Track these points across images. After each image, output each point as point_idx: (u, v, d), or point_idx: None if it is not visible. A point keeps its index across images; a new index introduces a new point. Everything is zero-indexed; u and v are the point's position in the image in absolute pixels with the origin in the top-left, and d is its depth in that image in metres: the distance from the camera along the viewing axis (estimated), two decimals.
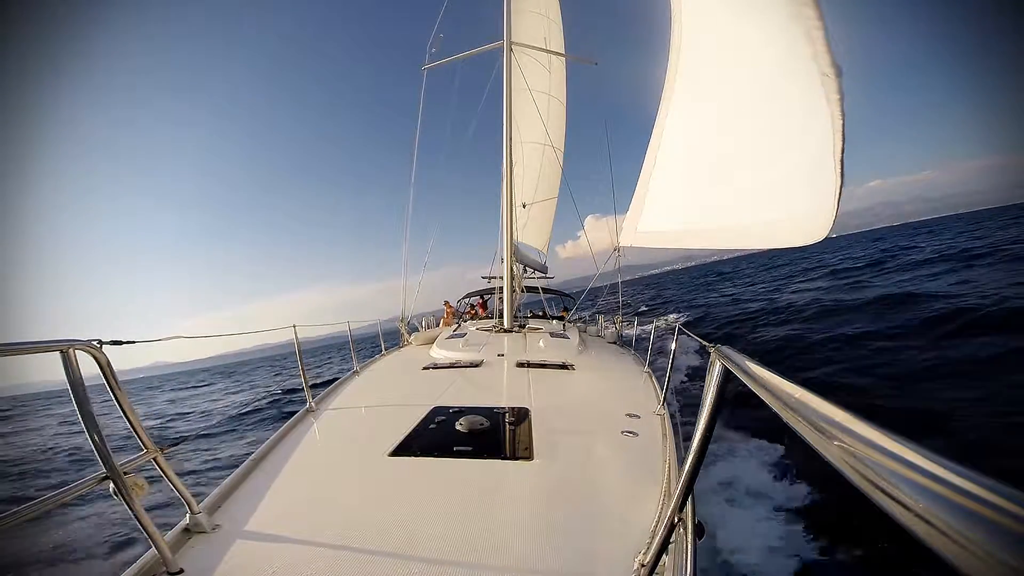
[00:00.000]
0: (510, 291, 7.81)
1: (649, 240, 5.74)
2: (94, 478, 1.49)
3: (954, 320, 8.89)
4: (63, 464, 9.27)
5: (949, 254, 19.53)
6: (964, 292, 11.04)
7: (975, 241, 23.27)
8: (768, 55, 3.20)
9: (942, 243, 27.42)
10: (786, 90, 3.12)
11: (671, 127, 4.95)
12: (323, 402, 3.89)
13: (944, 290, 11.83)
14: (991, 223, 39.04)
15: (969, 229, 36.21)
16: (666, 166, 5.14)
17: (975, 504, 0.34)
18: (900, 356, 7.79)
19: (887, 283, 15.65)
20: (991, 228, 31.98)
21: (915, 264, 19.34)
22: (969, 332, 8.10)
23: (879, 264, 22.51)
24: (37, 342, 1.36)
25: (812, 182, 3.03)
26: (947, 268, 16.09)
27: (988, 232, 28.36)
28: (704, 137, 4.57)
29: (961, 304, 9.76)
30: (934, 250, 23.31)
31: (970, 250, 19.12)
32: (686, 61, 4.49)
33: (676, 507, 1.33)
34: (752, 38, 3.40)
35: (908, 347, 8.13)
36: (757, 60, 3.43)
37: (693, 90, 4.58)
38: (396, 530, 1.90)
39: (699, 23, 4.21)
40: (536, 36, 10.92)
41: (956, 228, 43.70)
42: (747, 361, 0.97)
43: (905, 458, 0.41)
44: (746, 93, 3.75)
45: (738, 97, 3.88)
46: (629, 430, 2.91)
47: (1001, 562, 0.30)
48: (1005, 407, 5.14)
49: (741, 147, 3.94)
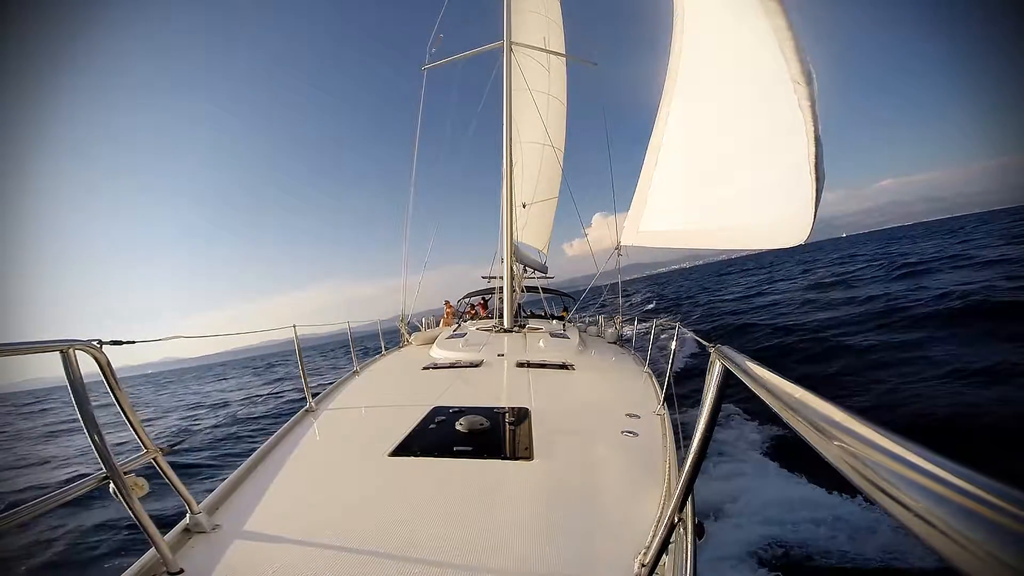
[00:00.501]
0: (510, 291, 7.82)
1: (650, 239, 5.75)
2: (94, 478, 1.49)
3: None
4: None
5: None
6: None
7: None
8: (756, 61, 3.29)
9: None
10: (771, 95, 3.21)
11: (671, 128, 4.97)
12: (323, 402, 3.89)
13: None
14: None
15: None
16: (666, 166, 5.16)
17: (975, 504, 0.33)
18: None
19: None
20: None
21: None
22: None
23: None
24: (37, 342, 1.36)
25: (793, 185, 3.12)
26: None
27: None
28: (702, 138, 4.61)
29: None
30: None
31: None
32: (686, 62, 4.52)
33: (676, 507, 1.33)
34: (742, 45, 3.49)
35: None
36: (747, 66, 3.51)
37: (692, 91, 4.62)
38: (396, 530, 1.90)
39: (699, 24, 4.24)
40: (536, 36, 10.91)
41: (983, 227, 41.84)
42: (747, 361, 0.97)
43: (905, 458, 0.41)
44: (742, 95, 3.81)
45: (735, 99, 3.93)
46: (629, 430, 2.91)
47: (1001, 562, 0.30)
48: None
49: (737, 148, 4.00)
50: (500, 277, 9.27)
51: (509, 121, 8.27)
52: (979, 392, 5.95)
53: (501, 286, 8.32)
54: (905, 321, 10.54)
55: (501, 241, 9.00)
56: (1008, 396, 5.60)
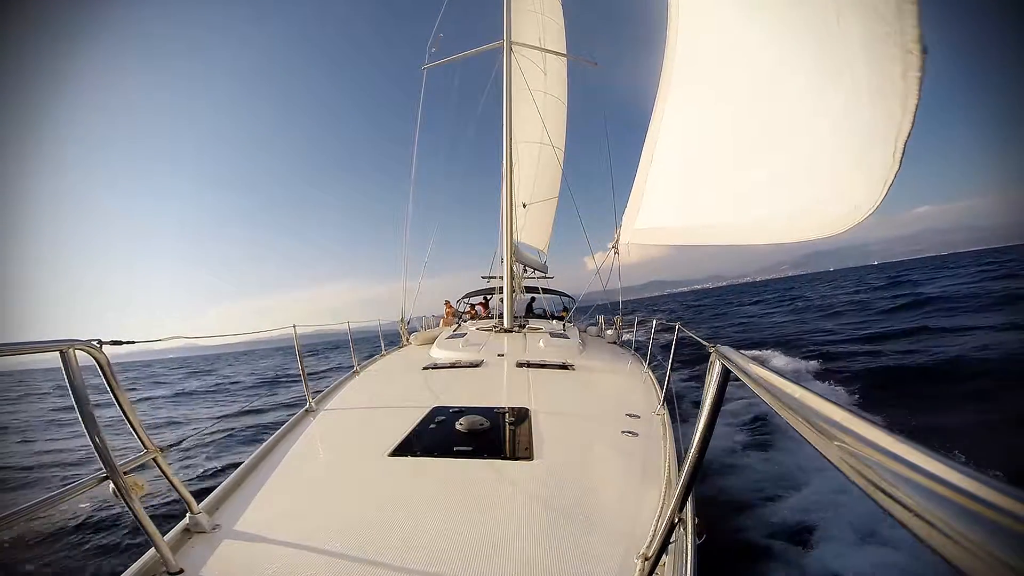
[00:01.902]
0: (510, 291, 7.82)
1: (647, 237, 5.70)
2: (94, 478, 1.49)
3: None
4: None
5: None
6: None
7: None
8: (802, 39, 2.87)
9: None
10: (797, 76, 2.88)
11: (668, 121, 4.86)
12: (323, 402, 3.89)
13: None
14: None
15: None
16: (663, 161, 5.07)
17: (975, 504, 0.33)
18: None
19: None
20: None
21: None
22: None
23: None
24: (37, 342, 1.35)
25: (853, 160, 2.62)
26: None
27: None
28: (703, 131, 4.48)
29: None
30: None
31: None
32: (683, 50, 4.34)
33: (676, 507, 1.33)
34: (762, 26, 3.16)
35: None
36: (788, 43, 3.09)
37: (691, 81, 4.45)
38: (396, 530, 1.90)
39: (698, 7, 4.08)
40: (536, 36, 10.91)
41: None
42: (747, 361, 0.97)
43: (905, 458, 0.41)
44: (755, 81, 3.52)
45: (750, 85, 3.64)
46: (629, 430, 2.91)
47: (1001, 562, 0.30)
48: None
49: (742, 140, 3.83)
50: (500, 277, 9.27)
51: (509, 121, 8.26)
52: None
53: (501, 286, 8.33)
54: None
55: (501, 241, 9.00)
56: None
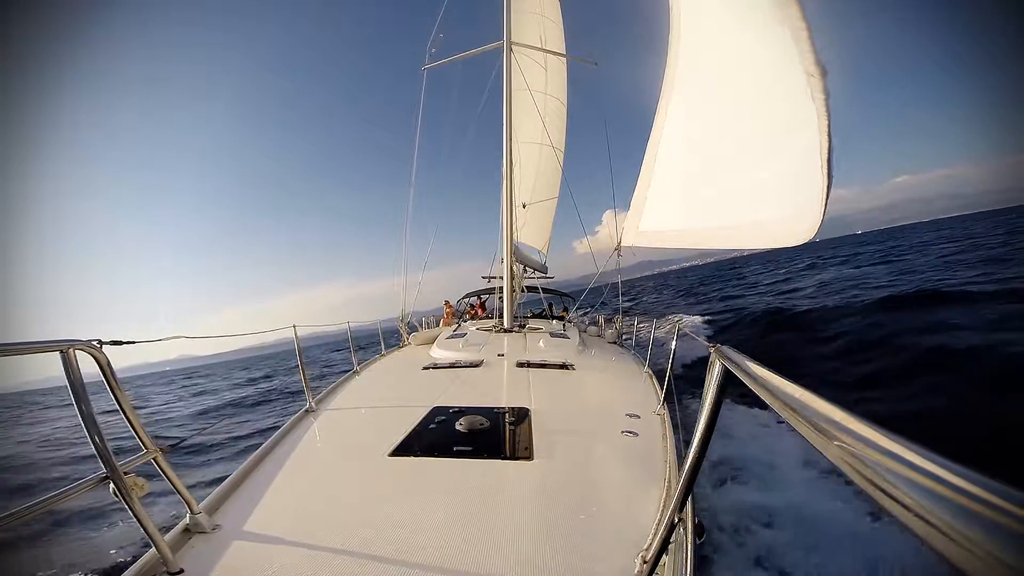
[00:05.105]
0: (510, 291, 7.81)
1: (650, 240, 5.74)
2: (94, 478, 1.49)
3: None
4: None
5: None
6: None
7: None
8: (761, 56, 3.22)
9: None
10: (777, 91, 3.13)
11: (669, 127, 4.95)
12: (323, 402, 3.89)
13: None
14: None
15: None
16: (665, 166, 5.14)
17: (975, 504, 0.33)
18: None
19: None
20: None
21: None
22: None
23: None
24: (37, 342, 1.35)
25: (800, 182, 3.04)
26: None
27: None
28: (701, 138, 4.58)
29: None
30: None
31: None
32: (684, 62, 4.50)
33: (676, 507, 1.33)
34: (746, 40, 3.42)
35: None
36: (752, 62, 3.45)
37: (690, 91, 4.59)
38: (396, 530, 1.90)
39: (697, 23, 4.22)
40: (536, 36, 10.92)
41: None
42: (747, 361, 0.97)
43: (905, 458, 0.41)
44: (742, 95, 3.77)
45: (735, 98, 3.90)
46: (629, 430, 2.91)
47: (1001, 562, 0.30)
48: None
49: (737, 148, 3.96)
50: (500, 277, 9.28)
51: (509, 121, 8.27)
52: None
53: (501, 286, 8.33)
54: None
55: (501, 241, 9.01)
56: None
